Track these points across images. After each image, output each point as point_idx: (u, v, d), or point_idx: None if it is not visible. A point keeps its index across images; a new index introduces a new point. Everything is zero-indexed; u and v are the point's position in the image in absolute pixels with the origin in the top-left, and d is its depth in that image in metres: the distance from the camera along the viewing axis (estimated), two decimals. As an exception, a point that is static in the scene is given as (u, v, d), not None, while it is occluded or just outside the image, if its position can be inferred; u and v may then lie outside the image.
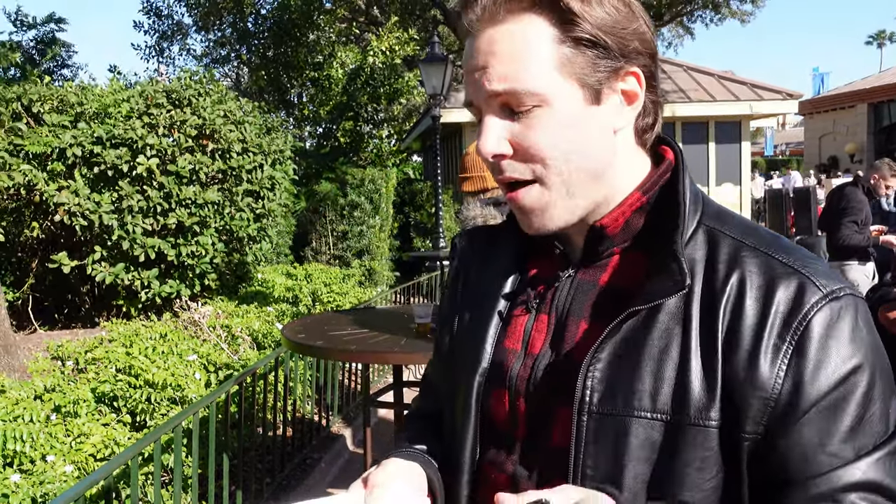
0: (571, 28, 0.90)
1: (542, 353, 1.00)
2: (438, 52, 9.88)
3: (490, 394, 1.03)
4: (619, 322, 0.91)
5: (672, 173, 1.01)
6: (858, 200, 6.39)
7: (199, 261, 7.43)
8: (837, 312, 0.86)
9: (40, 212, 7.23)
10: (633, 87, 0.95)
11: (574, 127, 0.92)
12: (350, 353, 3.47)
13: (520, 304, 1.06)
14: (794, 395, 0.84)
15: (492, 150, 0.94)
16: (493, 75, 0.92)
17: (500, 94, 0.92)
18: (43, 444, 3.88)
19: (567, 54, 0.91)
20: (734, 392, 0.86)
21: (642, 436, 0.88)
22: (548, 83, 0.90)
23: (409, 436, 1.18)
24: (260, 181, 7.80)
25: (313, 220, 11.92)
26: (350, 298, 8.15)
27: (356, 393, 6.30)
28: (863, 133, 30.00)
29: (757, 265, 0.90)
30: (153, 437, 3.08)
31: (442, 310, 1.24)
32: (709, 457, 0.87)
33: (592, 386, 0.91)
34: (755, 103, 13.44)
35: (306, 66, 18.65)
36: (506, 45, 0.91)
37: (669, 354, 0.89)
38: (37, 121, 7.39)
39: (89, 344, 5.55)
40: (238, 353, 5.71)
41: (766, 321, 0.86)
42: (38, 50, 17.08)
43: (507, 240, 1.13)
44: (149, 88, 7.77)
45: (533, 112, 0.91)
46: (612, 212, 0.98)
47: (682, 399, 0.87)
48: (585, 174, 0.95)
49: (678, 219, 0.94)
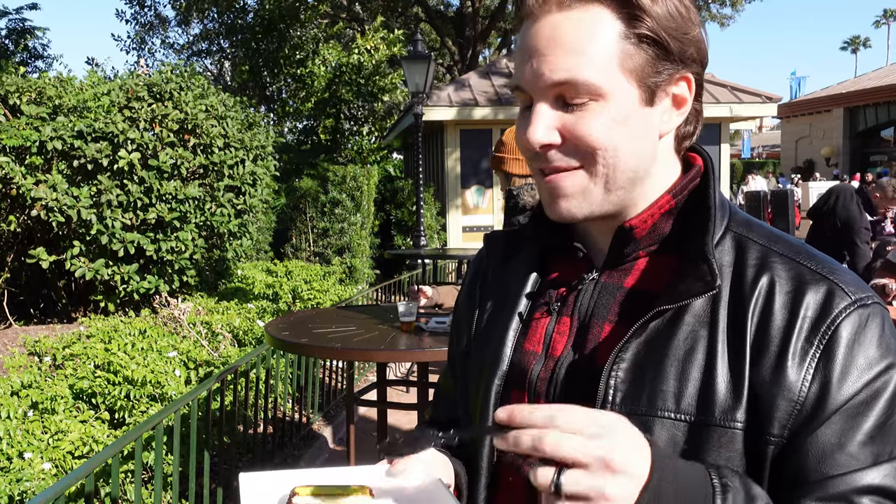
0: (637, 24, 0.90)
1: (563, 355, 0.99)
2: (421, 50, 9.87)
3: (509, 396, 1.03)
4: (645, 322, 0.91)
5: (702, 179, 1.01)
6: (864, 218, 6.57)
7: (179, 256, 7.35)
8: (865, 319, 0.87)
9: (17, 205, 7.12)
10: (683, 93, 0.95)
11: (625, 125, 0.91)
12: (335, 351, 3.45)
13: (540, 306, 1.05)
14: (819, 398, 0.85)
15: (540, 140, 0.92)
16: (555, 64, 0.90)
17: (559, 84, 0.90)
18: (20, 442, 3.82)
19: (629, 51, 0.90)
20: (761, 395, 0.86)
21: (665, 436, 0.88)
22: (608, 78, 0.90)
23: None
24: (241, 177, 7.74)
25: (294, 216, 11.86)
26: (330, 296, 8.11)
27: (337, 391, 6.28)
28: (839, 137, 30.39)
29: (786, 271, 0.91)
30: (134, 434, 3.04)
31: (458, 312, 1.23)
32: (732, 458, 0.87)
33: (616, 385, 0.90)
34: (735, 106, 13.55)
35: (289, 63, 18.55)
36: (571, 33, 0.90)
37: (695, 356, 0.89)
38: (13, 113, 7.27)
39: (67, 339, 5.48)
40: (218, 350, 5.66)
41: (795, 325, 0.87)
42: (11, 39, 16.80)
43: (527, 243, 1.12)
44: (129, 81, 7.68)
45: (588, 105, 0.90)
46: (640, 213, 0.98)
47: (706, 400, 0.87)
48: (627, 173, 0.94)
49: (708, 222, 0.94)
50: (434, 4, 23.30)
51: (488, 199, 13.49)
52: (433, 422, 1.26)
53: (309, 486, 0.97)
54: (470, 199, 13.55)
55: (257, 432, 4.75)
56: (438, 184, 14.08)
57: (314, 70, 17.95)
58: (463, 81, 13.98)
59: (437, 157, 14.42)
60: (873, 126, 29.38)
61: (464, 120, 13.00)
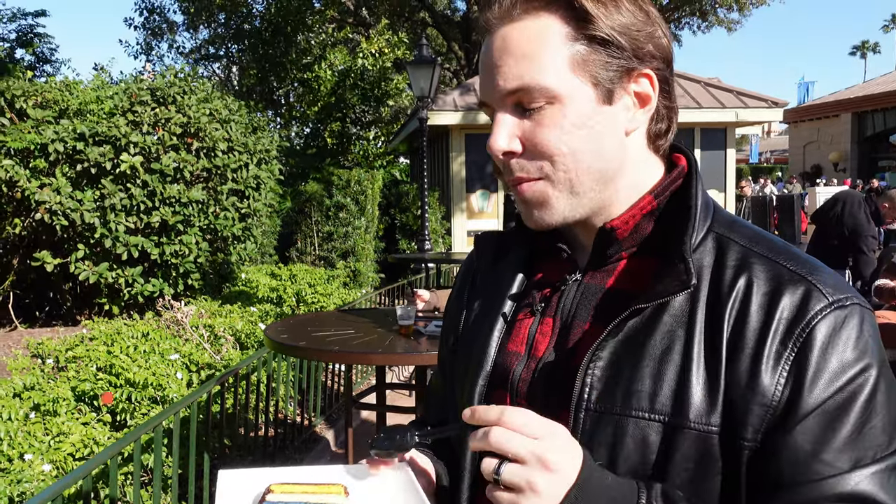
0: (585, 26, 0.91)
1: (545, 355, 1.00)
2: (426, 55, 9.88)
3: (492, 397, 1.03)
4: (622, 320, 0.91)
5: (684, 179, 1.01)
6: (872, 227, 6.57)
7: (183, 260, 7.38)
8: (842, 321, 0.85)
9: (22, 209, 7.17)
10: (645, 90, 0.95)
11: (585, 126, 0.92)
12: (333, 354, 3.45)
13: (525, 307, 1.06)
14: (791, 402, 0.84)
15: (502, 148, 0.94)
16: (508, 73, 0.92)
17: (513, 91, 0.92)
18: (21, 443, 3.84)
19: (581, 52, 0.91)
20: (736, 398, 0.85)
21: (638, 436, 0.88)
22: (561, 80, 0.91)
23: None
24: (245, 180, 7.77)
25: (299, 220, 11.89)
26: (334, 299, 8.12)
27: (339, 394, 6.28)
28: (847, 142, 30.27)
29: (764, 271, 0.90)
30: (133, 436, 3.05)
31: (447, 313, 1.24)
32: (707, 461, 0.86)
33: (591, 384, 0.91)
34: (741, 111, 13.52)
35: (295, 67, 18.61)
36: (520, 42, 0.92)
37: (671, 356, 0.89)
38: (20, 116, 7.32)
39: (70, 342, 5.50)
40: (220, 353, 5.68)
41: (770, 327, 0.86)
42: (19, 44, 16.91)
43: (515, 245, 1.13)
44: (133, 86, 7.72)
45: (544, 109, 0.91)
46: (622, 214, 0.98)
47: (681, 402, 0.87)
48: (593, 174, 0.95)
49: (688, 223, 0.94)
50: (441, 9, 23.35)
51: (493, 204, 13.50)
52: (424, 421, 1.26)
53: (284, 484, 0.98)
54: (475, 204, 13.56)
55: (258, 435, 4.76)
56: (443, 188, 14.09)
57: (320, 74, 18.01)
58: (469, 86, 13.99)
59: (443, 161, 14.44)
60: (881, 131, 29.25)
61: (469, 124, 13.01)
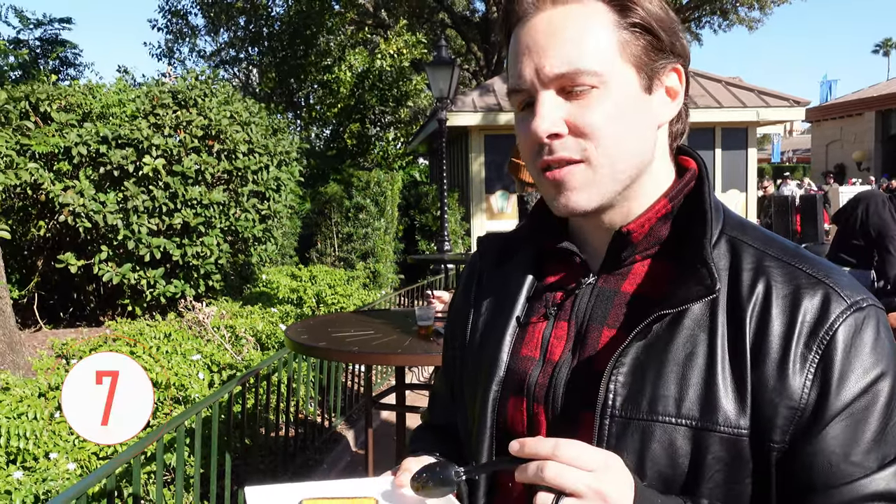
0: (629, 14, 0.93)
1: (562, 360, 0.99)
2: (445, 56, 9.90)
3: (507, 402, 1.03)
4: (646, 326, 0.91)
5: (697, 182, 1.01)
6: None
7: (204, 261, 7.44)
8: (861, 322, 0.87)
9: (46, 211, 7.26)
10: (675, 85, 0.98)
11: (629, 111, 0.93)
12: (352, 355, 3.47)
13: (537, 311, 1.05)
14: (819, 404, 0.85)
15: (548, 129, 0.92)
16: (556, 56, 0.92)
17: (561, 76, 0.92)
18: (46, 442, 3.89)
19: (626, 38, 0.93)
20: (763, 401, 0.86)
21: (666, 441, 0.88)
22: (608, 64, 0.92)
23: (421, 446, 1.17)
24: (265, 182, 7.82)
25: (319, 221, 11.94)
26: (354, 300, 8.15)
27: (359, 395, 6.30)
28: (870, 141, 29.92)
29: (782, 275, 0.91)
30: (155, 435, 3.09)
31: (452, 314, 1.22)
32: (738, 464, 0.87)
33: (616, 390, 0.91)
34: (762, 110, 13.41)
35: (315, 69, 18.69)
36: (568, 25, 0.92)
37: (695, 361, 0.89)
38: (44, 120, 7.42)
39: (93, 342, 5.56)
40: (241, 353, 5.72)
41: (794, 331, 0.87)
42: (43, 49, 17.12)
43: (523, 247, 1.12)
44: (154, 89, 7.80)
45: (591, 93, 0.92)
46: (638, 218, 0.98)
47: (709, 406, 0.87)
48: (633, 160, 0.95)
49: (705, 226, 0.95)
50: (460, 10, 23.37)
51: (513, 204, 13.47)
52: (430, 426, 1.26)
53: (316, 499, 0.98)
54: (494, 204, 13.55)
55: (279, 435, 4.79)
56: (463, 189, 14.09)
57: (340, 76, 18.07)
58: (488, 86, 13.98)
59: (462, 162, 14.44)
60: (905, 129, 28.90)
61: (489, 125, 13.00)
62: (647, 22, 0.93)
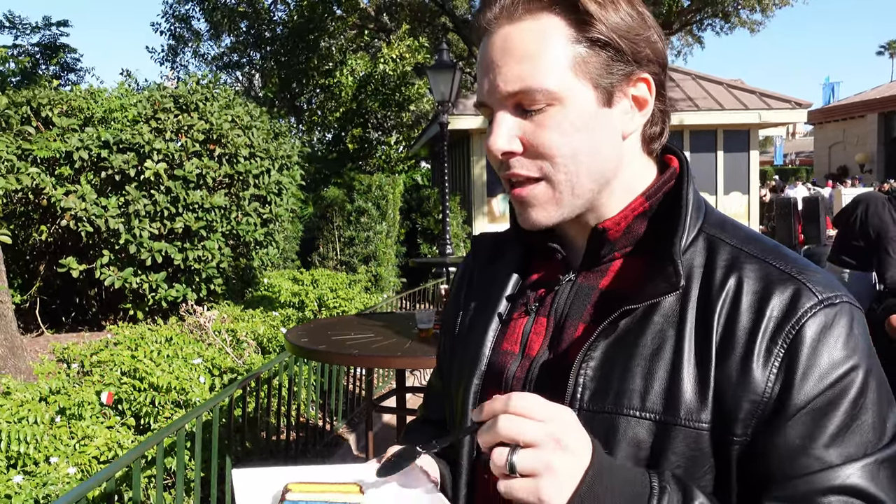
0: (587, 28, 0.91)
1: (539, 354, 1.01)
2: (447, 59, 9.89)
3: (486, 395, 1.03)
4: (613, 321, 0.92)
5: (676, 180, 1.02)
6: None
7: (206, 265, 7.45)
8: (832, 319, 0.86)
9: (48, 215, 7.27)
10: (643, 94, 0.96)
11: (585, 127, 0.93)
12: (353, 357, 3.47)
13: (519, 307, 1.07)
14: (781, 398, 0.85)
15: (502, 148, 0.94)
16: (509, 74, 0.92)
17: (514, 93, 0.92)
18: (47, 446, 3.89)
19: (582, 54, 0.92)
20: (726, 395, 0.86)
21: (630, 434, 0.89)
22: (562, 82, 0.91)
23: (413, 438, 1.19)
24: (267, 186, 7.83)
25: (320, 225, 11.95)
26: (356, 304, 8.15)
27: (360, 398, 6.30)
28: (873, 143, 29.89)
29: (754, 271, 0.91)
30: (156, 439, 3.08)
31: (445, 313, 1.25)
32: (698, 457, 0.87)
33: (584, 383, 0.92)
34: (764, 112, 13.41)
35: (317, 73, 18.72)
36: (522, 43, 0.92)
37: (662, 355, 0.90)
38: (46, 124, 7.44)
39: (95, 347, 5.57)
40: (243, 357, 5.72)
41: (760, 326, 0.87)
42: (42, 54, 17.15)
43: (511, 246, 1.14)
44: (156, 93, 7.82)
45: (546, 111, 0.92)
46: (614, 216, 0.99)
47: (672, 400, 0.88)
48: (592, 175, 0.96)
49: (678, 224, 0.95)
50: (461, 14, 23.39)
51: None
52: (424, 421, 1.28)
53: (302, 483, 0.99)
54: (496, 208, 13.56)
55: (280, 438, 4.78)
56: (465, 192, 14.10)
57: (342, 80, 18.10)
58: (489, 90, 13.98)
59: (464, 165, 14.45)
60: (909, 131, 28.87)
61: (490, 128, 13.00)
62: (607, 35, 0.91)
